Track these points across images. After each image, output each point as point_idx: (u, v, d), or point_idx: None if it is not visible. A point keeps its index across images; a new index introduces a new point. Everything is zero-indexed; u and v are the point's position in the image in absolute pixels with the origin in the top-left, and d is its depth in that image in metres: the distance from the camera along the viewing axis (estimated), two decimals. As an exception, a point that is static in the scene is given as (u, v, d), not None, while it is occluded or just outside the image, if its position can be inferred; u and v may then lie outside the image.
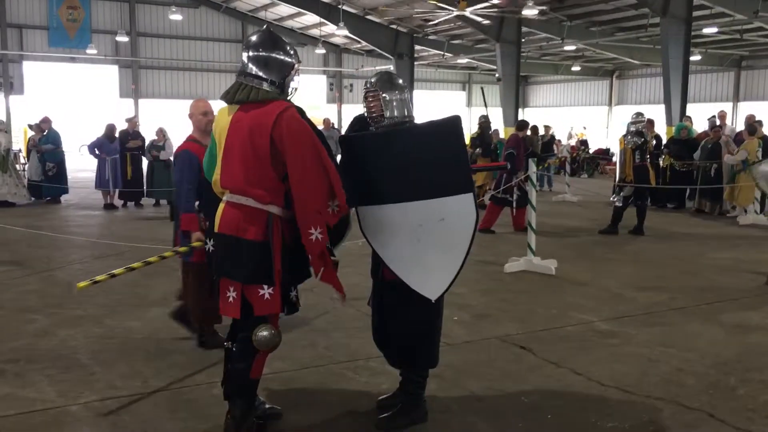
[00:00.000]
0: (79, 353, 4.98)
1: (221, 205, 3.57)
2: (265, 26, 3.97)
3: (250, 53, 3.54)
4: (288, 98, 3.57)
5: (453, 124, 3.63)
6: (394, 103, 3.79)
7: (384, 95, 3.79)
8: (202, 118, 4.96)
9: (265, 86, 3.49)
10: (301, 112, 3.46)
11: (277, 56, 3.54)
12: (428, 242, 3.63)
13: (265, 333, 3.51)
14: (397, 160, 3.64)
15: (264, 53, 3.52)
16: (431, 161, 3.59)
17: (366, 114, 3.88)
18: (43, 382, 4.42)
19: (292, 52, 3.61)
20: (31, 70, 28.58)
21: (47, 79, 28.68)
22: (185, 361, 4.82)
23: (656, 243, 9.99)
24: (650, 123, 14.84)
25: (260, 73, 3.50)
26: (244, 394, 3.63)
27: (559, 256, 8.31)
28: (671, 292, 6.97)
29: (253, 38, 3.59)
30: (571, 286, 7.20)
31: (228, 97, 3.57)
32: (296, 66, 3.61)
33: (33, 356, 4.90)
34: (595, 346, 5.22)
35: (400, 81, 3.91)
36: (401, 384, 4.02)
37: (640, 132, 10.66)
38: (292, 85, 3.62)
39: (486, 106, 12.02)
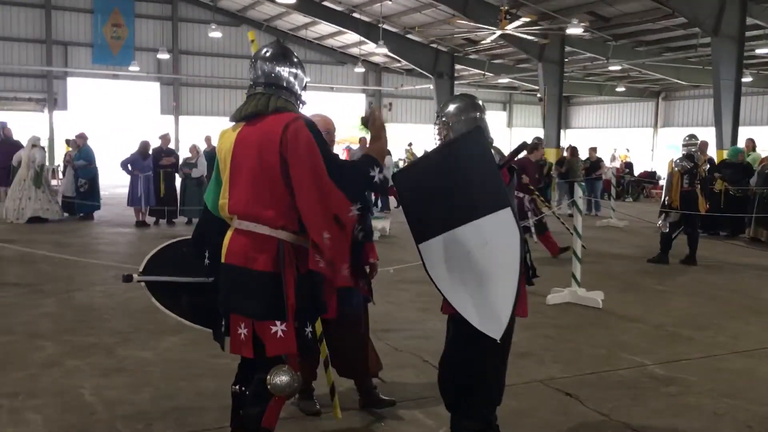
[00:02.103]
0: (84, 387, 4.60)
1: (228, 233, 3.21)
2: (276, 39, 3.69)
3: (271, 65, 3.26)
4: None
5: (475, 136, 3.32)
6: (456, 125, 3.56)
7: (443, 118, 3.61)
8: (325, 137, 4.32)
9: (293, 99, 3.27)
10: (309, 123, 3.12)
11: (296, 70, 3.30)
12: (481, 272, 3.24)
13: (283, 378, 3.09)
14: (435, 185, 3.35)
15: (289, 66, 3.28)
16: (463, 180, 3.27)
17: None
18: (38, 421, 4.04)
19: (303, 67, 3.39)
20: (75, 86, 28.94)
21: (90, 95, 29.03)
22: (194, 400, 4.40)
23: (711, 274, 9.32)
24: (704, 145, 14.15)
25: (288, 85, 3.25)
26: None
27: (605, 287, 7.73)
28: (733, 332, 6.33)
29: (271, 51, 3.32)
30: (620, 322, 6.62)
31: (243, 112, 3.22)
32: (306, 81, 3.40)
33: (34, 390, 4.54)
34: (651, 395, 4.65)
35: (466, 102, 3.66)
36: None
37: (690, 155, 9.99)
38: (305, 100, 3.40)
39: (544, 118, 11.56)
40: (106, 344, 5.59)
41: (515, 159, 4.05)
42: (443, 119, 3.63)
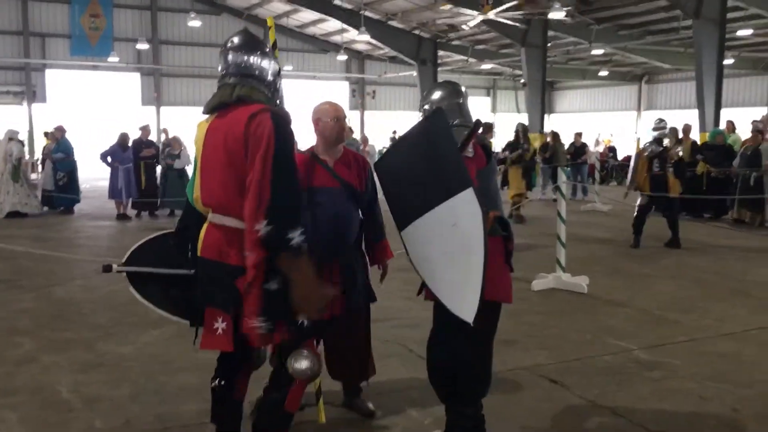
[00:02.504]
0: (61, 384, 4.51)
1: (204, 226, 3.14)
2: (244, 28, 3.57)
3: (244, 54, 3.14)
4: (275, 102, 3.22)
5: (434, 118, 3.32)
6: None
7: (426, 106, 3.58)
8: (333, 125, 3.80)
9: (263, 88, 3.13)
10: (277, 118, 2.94)
11: (268, 59, 3.19)
12: (451, 255, 3.20)
13: (304, 362, 3.01)
14: (408, 171, 3.32)
15: (253, 55, 3.15)
16: (431, 163, 3.24)
17: None
18: (13, 419, 3.95)
19: (276, 58, 3.29)
20: (54, 78, 28.53)
21: (69, 87, 28.62)
22: (175, 396, 4.33)
23: (695, 257, 9.33)
24: (687, 129, 14.14)
25: (257, 74, 3.13)
26: (277, 428, 3.18)
27: (590, 272, 7.72)
28: (718, 314, 6.33)
29: (237, 40, 3.20)
30: (605, 307, 6.60)
31: (223, 99, 3.08)
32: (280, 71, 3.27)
33: (10, 387, 4.45)
34: (637, 380, 4.63)
35: (449, 89, 3.64)
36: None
37: (659, 140, 9.90)
38: (279, 88, 3.28)
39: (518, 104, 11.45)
40: (86, 339, 5.50)
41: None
42: (425, 107, 3.62)
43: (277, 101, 3.22)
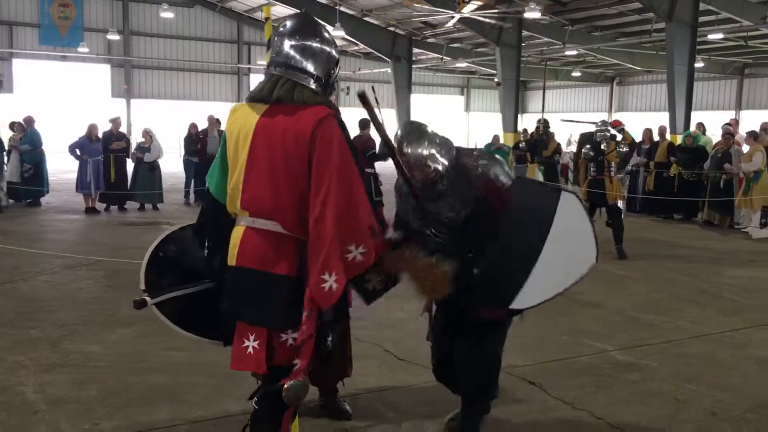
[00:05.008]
0: (26, 385, 4.34)
1: (238, 231, 2.80)
2: (304, 9, 3.30)
3: (293, 41, 2.82)
4: (329, 98, 2.93)
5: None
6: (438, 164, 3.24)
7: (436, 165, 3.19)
8: None
9: (311, 83, 2.80)
10: (342, 124, 2.75)
11: (325, 47, 2.85)
12: (566, 257, 3.46)
13: (297, 385, 2.74)
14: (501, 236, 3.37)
15: (311, 42, 2.83)
16: (515, 213, 3.34)
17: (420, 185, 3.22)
18: (-25, 423, 3.80)
19: (335, 45, 2.94)
20: (21, 68, 27.95)
21: (37, 77, 28.06)
22: (145, 396, 4.19)
23: (668, 259, 9.38)
24: (662, 130, 14.29)
25: (306, 66, 2.80)
26: None
27: (565, 272, 7.70)
28: (692, 316, 6.36)
29: (295, 23, 2.87)
30: (581, 308, 6.58)
31: (263, 94, 2.79)
32: (339, 62, 2.95)
33: (-28, 388, 4.28)
34: (614, 382, 4.61)
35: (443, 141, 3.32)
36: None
37: (596, 143, 9.49)
38: (333, 83, 2.96)
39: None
40: (51, 338, 5.32)
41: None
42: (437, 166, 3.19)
43: (331, 98, 2.94)
